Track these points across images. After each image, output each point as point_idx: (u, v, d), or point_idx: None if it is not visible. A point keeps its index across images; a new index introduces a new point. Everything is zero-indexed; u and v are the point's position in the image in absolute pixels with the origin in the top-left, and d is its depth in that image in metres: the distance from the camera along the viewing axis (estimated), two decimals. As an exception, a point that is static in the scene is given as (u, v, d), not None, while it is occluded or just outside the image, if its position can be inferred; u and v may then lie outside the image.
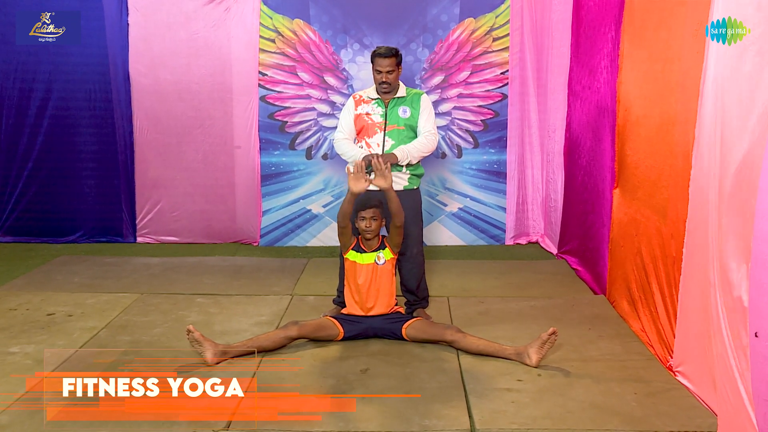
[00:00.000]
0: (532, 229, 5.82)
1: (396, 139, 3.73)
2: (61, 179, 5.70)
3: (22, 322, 3.79)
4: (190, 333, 3.19)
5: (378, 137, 3.74)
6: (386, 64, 3.67)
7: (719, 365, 2.60)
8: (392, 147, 3.72)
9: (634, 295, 3.66)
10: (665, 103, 3.30)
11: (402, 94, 3.80)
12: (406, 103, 3.78)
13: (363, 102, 3.81)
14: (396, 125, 3.74)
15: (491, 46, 5.56)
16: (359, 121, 3.78)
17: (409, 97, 3.81)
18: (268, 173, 5.66)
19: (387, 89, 3.75)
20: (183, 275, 4.75)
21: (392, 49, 3.70)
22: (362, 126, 3.77)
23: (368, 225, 3.49)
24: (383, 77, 3.69)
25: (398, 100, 3.78)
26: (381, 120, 3.75)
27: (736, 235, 2.49)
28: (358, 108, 3.80)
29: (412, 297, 3.95)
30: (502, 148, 5.70)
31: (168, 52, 5.52)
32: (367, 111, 3.77)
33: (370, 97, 3.81)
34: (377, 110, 3.77)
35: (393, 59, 3.68)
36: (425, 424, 2.70)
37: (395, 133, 3.73)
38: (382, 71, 3.68)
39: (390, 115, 3.75)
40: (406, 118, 3.75)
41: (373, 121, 3.76)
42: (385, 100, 3.77)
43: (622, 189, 3.90)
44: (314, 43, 5.54)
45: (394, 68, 3.70)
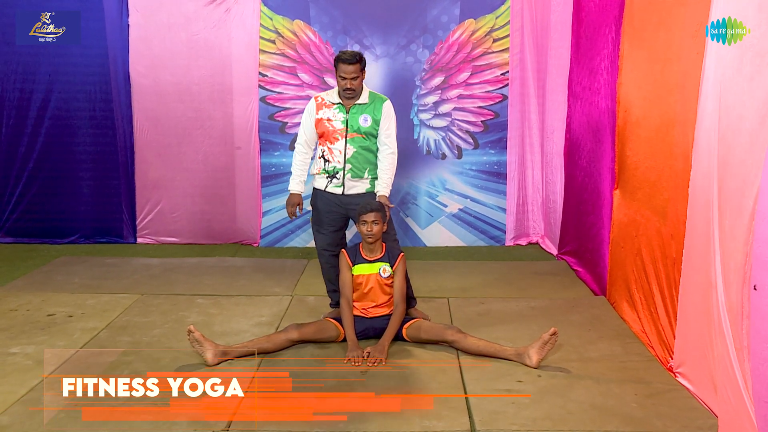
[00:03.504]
0: (532, 229, 5.82)
1: (357, 146, 3.70)
2: (62, 180, 5.70)
3: (23, 322, 3.79)
4: (191, 333, 3.19)
5: (339, 144, 3.70)
6: (350, 71, 3.60)
7: (720, 366, 2.60)
8: (354, 155, 3.69)
9: (634, 296, 3.66)
10: (665, 103, 3.30)
11: (364, 101, 3.73)
12: (367, 111, 3.72)
13: (325, 106, 3.74)
14: (357, 133, 3.70)
15: (491, 47, 5.56)
16: (320, 126, 3.73)
17: (372, 103, 3.74)
18: (268, 174, 5.67)
19: (351, 95, 3.68)
20: (183, 276, 4.75)
21: (356, 54, 3.64)
22: (323, 131, 3.73)
23: (369, 229, 3.46)
24: (347, 83, 3.62)
25: (360, 106, 3.72)
26: (342, 127, 3.70)
27: (737, 237, 2.49)
28: (319, 112, 3.74)
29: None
30: (502, 149, 5.70)
31: (168, 53, 5.52)
32: (329, 116, 3.72)
33: (331, 102, 3.74)
34: (338, 116, 3.71)
35: (357, 65, 3.61)
36: (425, 425, 2.70)
37: (356, 141, 3.70)
38: (347, 77, 3.61)
39: (351, 121, 3.70)
40: (367, 127, 3.71)
41: (333, 127, 3.70)
42: (347, 105, 3.71)
43: (622, 190, 3.90)
44: (314, 44, 5.54)
45: (358, 74, 3.63)
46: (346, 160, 3.70)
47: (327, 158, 3.73)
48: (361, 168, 3.72)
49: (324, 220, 3.81)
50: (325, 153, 3.74)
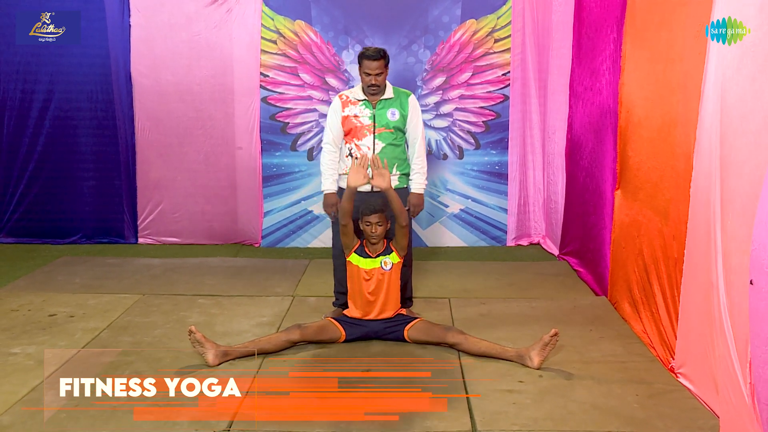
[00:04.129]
0: (534, 230, 5.82)
1: (386, 141, 3.71)
2: (63, 180, 5.70)
3: (24, 322, 3.79)
4: (192, 334, 3.19)
5: (368, 140, 3.70)
6: (375, 67, 3.61)
7: (721, 367, 2.59)
8: (383, 150, 3.69)
9: (635, 297, 3.66)
10: (667, 104, 3.30)
11: (389, 95, 3.74)
12: (394, 105, 3.74)
13: (350, 103, 3.75)
14: (385, 128, 3.71)
15: (493, 48, 5.56)
16: (347, 123, 3.73)
17: (397, 98, 3.76)
18: (269, 174, 5.67)
19: (375, 91, 3.69)
20: (184, 276, 4.75)
21: (380, 51, 3.65)
22: (350, 128, 3.73)
23: (374, 230, 3.45)
24: (372, 80, 3.63)
25: (386, 101, 3.73)
26: (369, 122, 3.70)
27: (740, 238, 2.48)
28: (345, 109, 3.75)
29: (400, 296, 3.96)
30: (504, 149, 5.70)
31: (169, 53, 5.52)
32: (355, 113, 3.72)
33: (357, 98, 3.75)
34: (365, 112, 3.72)
35: (381, 61, 3.62)
36: (426, 425, 2.70)
37: (385, 136, 3.71)
38: (371, 74, 3.62)
39: (378, 117, 3.71)
40: (395, 121, 3.72)
41: (361, 123, 3.71)
42: (372, 101, 3.73)
43: (623, 190, 3.90)
44: (316, 44, 5.54)
45: (382, 70, 3.64)
46: (375, 153, 3.69)
47: (355, 155, 3.71)
48: (390, 163, 3.70)
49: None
50: (352, 150, 3.73)
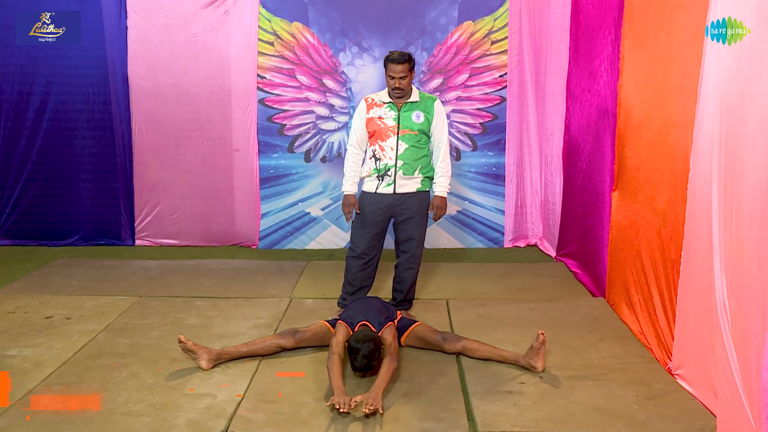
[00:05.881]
0: (531, 231, 5.82)
1: (409, 143, 3.75)
2: (60, 182, 5.68)
3: (21, 325, 3.77)
4: (182, 343, 3.17)
5: (391, 141, 3.75)
6: (399, 70, 3.66)
7: (719, 368, 2.59)
8: (405, 151, 3.74)
9: (633, 298, 3.66)
10: (665, 105, 3.31)
11: (415, 99, 3.79)
12: (419, 108, 3.78)
13: (375, 105, 3.81)
14: (409, 130, 3.75)
15: (490, 49, 5.57)
16: (371, 125, 3.78)
17: (423, 101, 3.81)
18: (266, 176, 5.66)
19: (400, 94, 3.74)
20: (181, 278, 4.74)
21: (405, 54, 3.70)
22: (375, 130, 3.77)
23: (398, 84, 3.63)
24: (396, 83, 3.69)
25: (411, 104, 3.78)
26: (394, 124, 3.75)
27: (744, 240, 2.48)
28: (370, 111, 3.80)
29: (401, 296, 3.98)
30: (501, 150, 5.70)
31: (167, 55, 5.51)
32: (380, 115, 3.77)
33: (382, 101, 3.81)
34: (390, 114, 3.77)
35: (406, 65, 3.68)
36: (424, 427, 2.69)
37: (408, 138, 3.75)
38: (395, 77, 3.68)
39: (403, 119, 3.75)
40: (420, 123, 3.76)
41: (385, 125, 3.76)
42: (397, 104, 3.78)
43: (621, 192, 3.91)
44: (313, 46, 5.53)
45: (407, 74, 3.69)
46: (398, 157, 3.75)
47: (378, 156, 3.76)
48: (412, 165, 3.75)
49: (369, 221, 3.82)
50: (376, 152, 3.78)
